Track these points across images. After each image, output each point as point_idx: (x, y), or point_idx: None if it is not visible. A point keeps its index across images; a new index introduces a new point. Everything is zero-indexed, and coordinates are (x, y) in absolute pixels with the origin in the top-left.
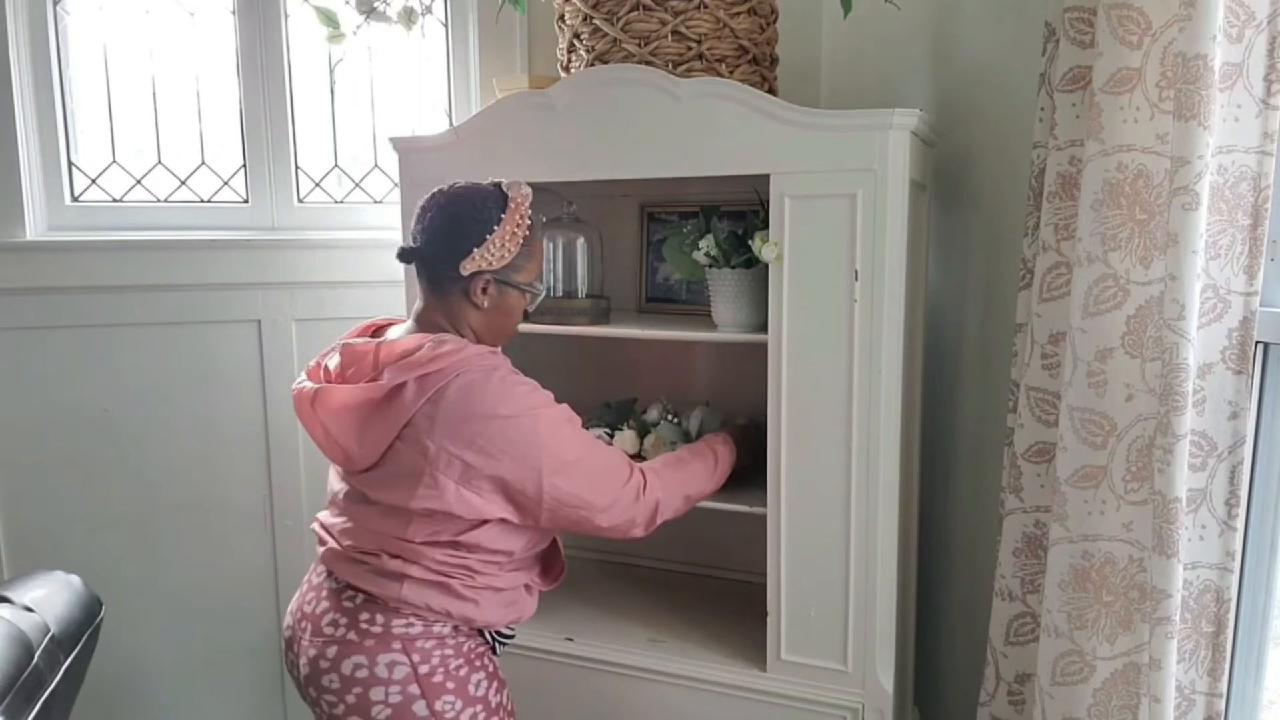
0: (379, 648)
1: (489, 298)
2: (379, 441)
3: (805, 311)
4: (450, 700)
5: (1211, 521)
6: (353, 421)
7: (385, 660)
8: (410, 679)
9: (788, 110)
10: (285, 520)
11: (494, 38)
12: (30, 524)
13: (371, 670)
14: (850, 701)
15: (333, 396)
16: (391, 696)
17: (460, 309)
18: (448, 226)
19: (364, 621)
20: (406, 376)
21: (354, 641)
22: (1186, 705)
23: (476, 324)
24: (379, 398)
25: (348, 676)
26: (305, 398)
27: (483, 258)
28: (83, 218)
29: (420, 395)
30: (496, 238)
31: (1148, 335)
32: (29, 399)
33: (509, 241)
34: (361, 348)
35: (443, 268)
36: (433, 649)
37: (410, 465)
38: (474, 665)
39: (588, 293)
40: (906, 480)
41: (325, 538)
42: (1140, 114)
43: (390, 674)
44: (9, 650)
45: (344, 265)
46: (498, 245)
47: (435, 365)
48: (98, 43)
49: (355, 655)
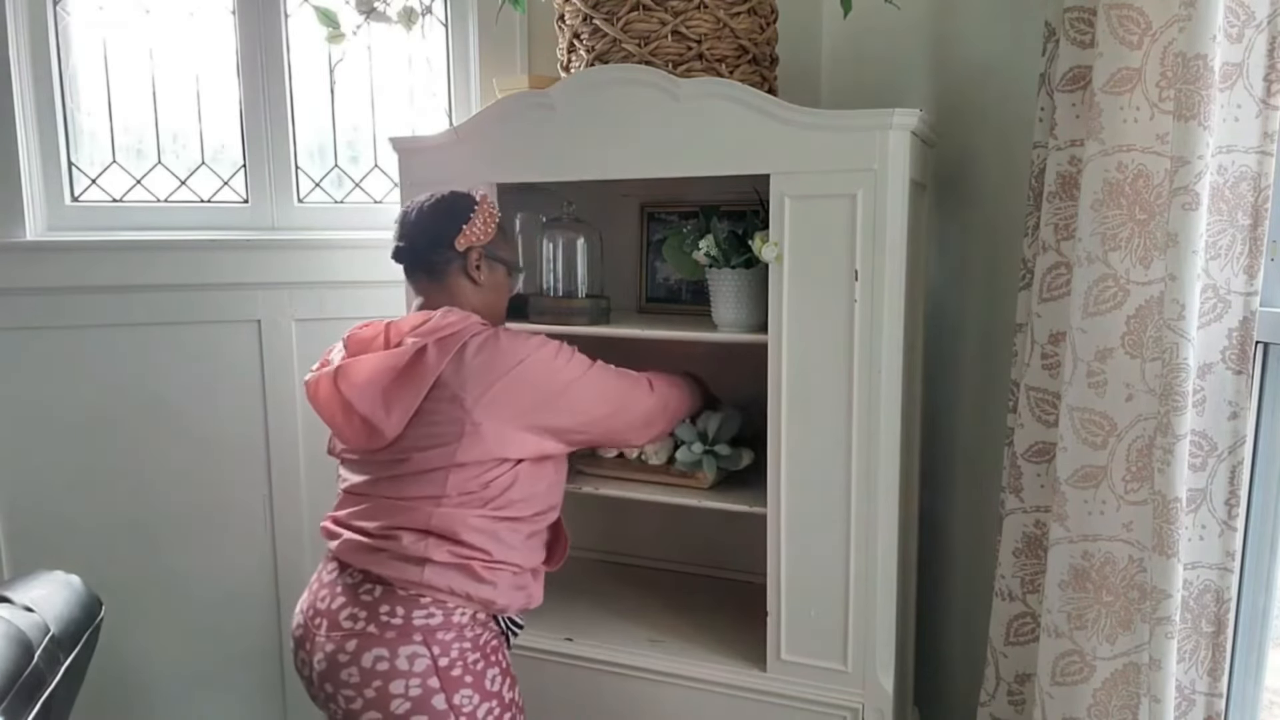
0: (400, 640)
1: (483, 273)
2: (408, 406)
3: (805, 311)
4: (468, 694)
5: (1211, 521)
6: (378, 392)
7: (407, 653)
8: (430, 671)
9: (788, 110)
10: (285, 520)
11: (494, 38)
12: (30, 524)
13: (393, 663)
14: (850, 701)
15: (358, 368)
16: (412, 689)
17: (460, 288)
18: (434, 216)
19: (384, 614)
20: (426, 340)
21: (374, 634)
22: (1186, 705)
23: (475, 302)
24: (403, 364)
25: (368, 669)
26: (327, 379)
27: (471, 233)
28: (83, 218)
29: (443, 356)
30: (478, 218)
31: (1148, 335)
32: (29, 399)
33: (488, 221)
34: (368, 332)
35: (437, 251)
36: (452, 641)
37: (448, 420)
38: (489, 660)
39: (588, 293)
40: (906, 480)
41: (339, 531)
42: (1140, 114)
43: (411, 666)
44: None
45: (344, 265)
46: (480, 224)
47: (450, 329)
48: (98, 43)
49: (376, 648)
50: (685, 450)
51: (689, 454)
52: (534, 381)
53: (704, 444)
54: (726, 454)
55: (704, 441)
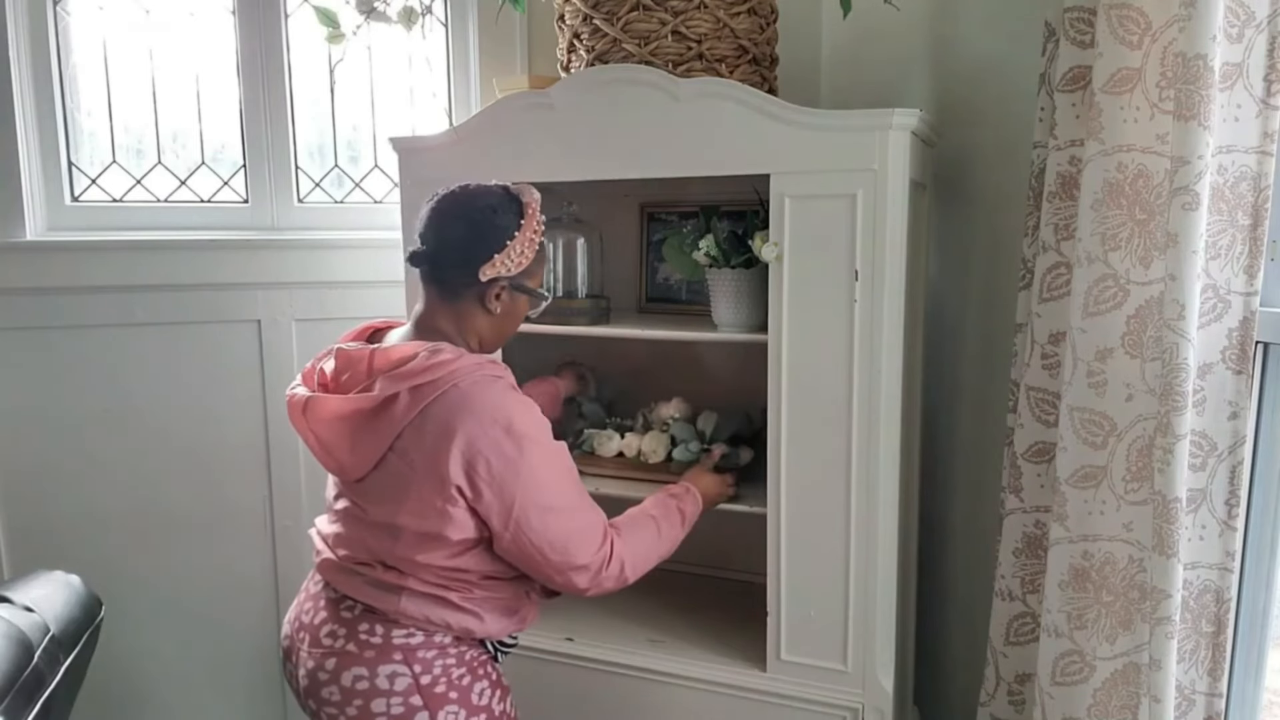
0: (379, 659)
1: (501, 303)
2: (371, 453)
3: (805, 311)
4: (454, 710)
5: (1211, 521)
6: (345, 431)
7: (386, 672)
8: (412, 689)
9: (788, 110)
10: (285, 520)
11: (494, 38)
12: (30, 524)
13: (372, 682)
14: (850, 701)
15: (324, 406)
16: (394, 708)
17: (470, 315)
18: (467, 233)
19: (363, 633)
20: (399, 387)
21: (353, 653)
22: (1186, 705)
23: (484, 329)
24: (369, 408)
25: (348, 689)
26: (297, 405)
27: (502, 264)
28: (83, 218)
29: (412, 407)
30: (516, 244)
31: (1148, 335)
32: (29, 399)
33: (527, 249)
34: (356, 354)
35: (458, 273)
36: (434, 659)
37: (400, 479)
38: (477, 674)
39: (588, 293)
40: (906, 480)
41: (321, 547)
42: (1140, 114)
43: (392, 685)
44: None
45: (344, 265)
46: (517, 252)
47: (429, 375)
48: (98, 43)
49: (355, 667)
50: (683, 449)
51: (686, 453)
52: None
53: (701, 443)
54: (725, 453)
55: (701, 440)
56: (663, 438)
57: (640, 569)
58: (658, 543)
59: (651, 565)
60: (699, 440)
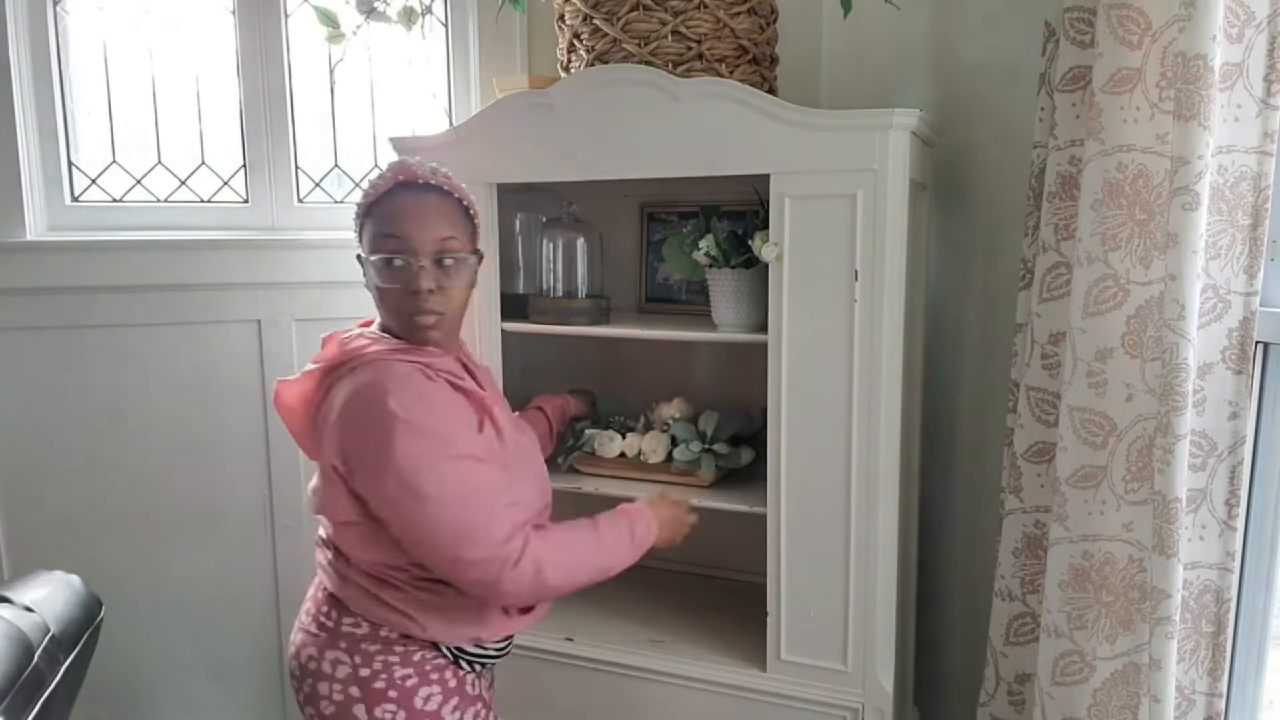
0: (328, 643)
1: (366, 277)
2: (310, 435)
3: (805, 311)
4: (390, 709)
5: (1211, 521)
6: (292, 416)
7: (331, 657)
8: (351, 680)
9: (788, 110)
10: (285, 520)
11: (494, 38)
12: (30, 524)
13: (319, 664)
14: (850, 701)
15: (286, 390)
16: (335, 694)
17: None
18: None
19: (323, 615)
20: (317, 369)
21: (312, 633)
22: (1186, 705)
23: (376, 306)
24: (300, 392)
25: (304, 666)
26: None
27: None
28: (83, 218)
29: (318, 390)
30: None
31: (1148, 335)
32: (29, 399)
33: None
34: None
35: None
36: (376, 653)
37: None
38: (427, 678)
39: (588, 293)
40: (906, 480)
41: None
42: (1140, 114)
43: (334, 671)
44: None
45: (344, 265)
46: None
47: (339, 359)
48: (97, 43)
49: (311, 647)
50: (683, 449)
51: (686, 452)
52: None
53: (702, 443)
54: (725, 453)
55: (702, 440)
56: (663, 438)
57: (568, 579)
58: (596, 554)
59: (586, 578)
60: (700, 440)
